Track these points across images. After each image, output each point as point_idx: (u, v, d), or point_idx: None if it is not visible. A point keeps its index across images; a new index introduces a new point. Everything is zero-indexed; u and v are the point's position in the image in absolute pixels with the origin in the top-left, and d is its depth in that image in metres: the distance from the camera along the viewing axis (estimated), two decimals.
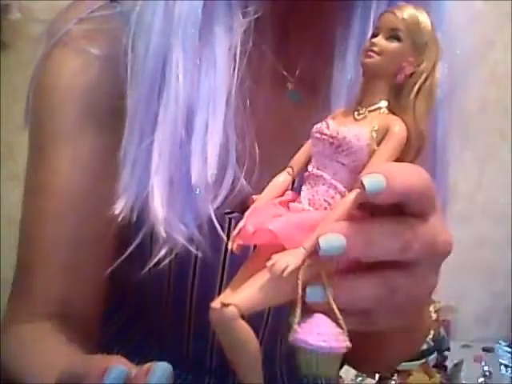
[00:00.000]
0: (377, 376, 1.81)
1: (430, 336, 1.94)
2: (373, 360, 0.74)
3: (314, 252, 0.35)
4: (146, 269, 0.54)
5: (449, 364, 1.98)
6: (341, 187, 0.38)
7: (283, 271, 0.34)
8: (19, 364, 0.57)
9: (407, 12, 0.38)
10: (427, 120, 0.38)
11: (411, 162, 0.38)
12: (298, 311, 0.35)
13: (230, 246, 0.38)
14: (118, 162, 0.54)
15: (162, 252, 0.53)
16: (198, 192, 0.53)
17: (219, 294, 0.36)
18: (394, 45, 0.38)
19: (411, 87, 0.38)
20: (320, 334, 0.35)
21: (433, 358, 1.95)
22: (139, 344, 0.68)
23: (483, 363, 2.00)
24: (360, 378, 1.87)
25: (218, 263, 0.61)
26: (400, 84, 0.38)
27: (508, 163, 2.14)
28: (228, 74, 0.54)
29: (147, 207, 0.52)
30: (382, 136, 0.37)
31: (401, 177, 0.35)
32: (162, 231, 0.52)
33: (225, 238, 0.56)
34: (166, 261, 0.53)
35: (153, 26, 0.54)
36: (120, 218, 0.53)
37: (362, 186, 0.35)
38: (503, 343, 2.13)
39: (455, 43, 0.57)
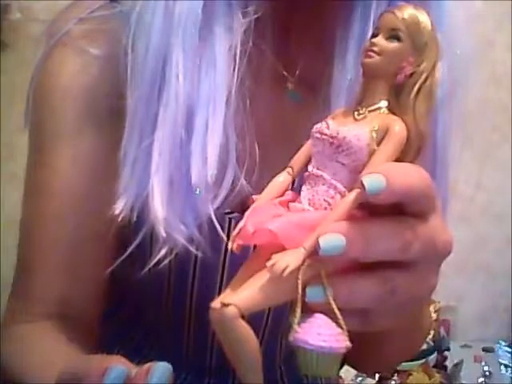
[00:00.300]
0: (377, 376, 1.81)
1: (430, 336, 1.94)
2: (373, 360, 0.74)
3: (314, 252, 0.35)
4: (146, 269, 0.54)
5: (449, 364, 1.99)
6: (341, 187, 0.38)
7: (283, 271, 0.34)
8: (19, 364, 0.58)
9: (407, 12, 0.38)
10: (427, 120, 0.38)
11: (411, 161, 0.38)
12: (298, 311, 0.35)
13: (230, 246, 0.38)
14: (118, 162, 0.54)
15: (162, 252, 0.53)
16: (198, 192, 0.53)
17: (219, 294, 0.36)
18: (394, 45, 0.38)
19: (411, 87, 0.38)
20: (320, 334, 0.35)
21: (433, 357, 1.96)
22: (139, 344, 0.68)
23: (483, 363, 2.00)
24: (360, 378, 1.87)
25: (218, 263, 0.61)
26: (400, 84, 0.38)
27: (508, 163, 2.14)
28: (228, 74, 0.54)
29: (147, 207, 0.52)
30: (382, 136, 0.37)
31: (401, 177, 0.35)
32: (162, 231, 0.52)
33: (225, 238, 0.56)
34: (166, 261, 0.53)
35: (153, 26, 0.54)
36: (120, 218, 0.53)
37: (362, 185, 0.35)
38: (503, 343, 2.13)
39: (455, 43, 0.57)
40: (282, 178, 0.41)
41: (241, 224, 0.38)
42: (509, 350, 2.10)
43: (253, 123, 0.57)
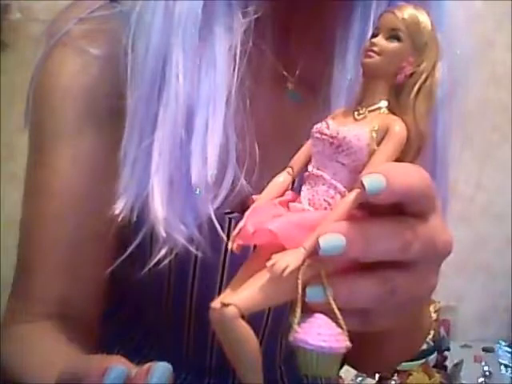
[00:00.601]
0: (377, 376, 1.81)
1: (430, 336, 1.94)
2: (373, 360, 0.74)
3: (314, 252, 0.35)
4: (146, 269, 0.54)
5: (449, 364, 1.99)
6: (341, 187, 0.38)
7: (283, 271, 0.34)
8: (19, 364, 0.58)
9: (407, 12, 0.38)
10: (427, 120, 0.38)
11: (411, 162, 0.38)
12: (298, 311, 0.35)
13: (230, 246, 0.38)
14: (118, 162, 0.54)
15: (162, 252, 0.53)
16: (198, 192, 0.53)
17: (219, 294, 0.36)
18: (394, 45, 0.38)
19: (411, 87, 0.38)
20: (320, 334, 0.35)
21: (433, 358, 1.96)
22: (139, 344, 0.68)
23: (483, 363, 2.00)
24: (360, 378, 1.87)
25: (218, 263, 0.61)
26: (400, 84, 0.38)
27: (508, 163, 2.14)
28: (228, 74, 0.54)
29: (147, 207, 0.52)
30: (382, 136, 0.37)
31: (401, 177, 0.35)
32: (162, 231, 0.52)
33: (225, 238, 0.56)
34: (166, 261, 0.53)
35: (153, 26, 0.54)
36: (120, 218, 0.53)
37: (362, 185, 0.35)
38: (503, 343, 2.14)
39: (455, 43, 0.57)
40: (282, 178, 0.41)
41: (241, 224, 0.38)
42: (509, 349, 2.10)
43: (253, 123, 0.57)
